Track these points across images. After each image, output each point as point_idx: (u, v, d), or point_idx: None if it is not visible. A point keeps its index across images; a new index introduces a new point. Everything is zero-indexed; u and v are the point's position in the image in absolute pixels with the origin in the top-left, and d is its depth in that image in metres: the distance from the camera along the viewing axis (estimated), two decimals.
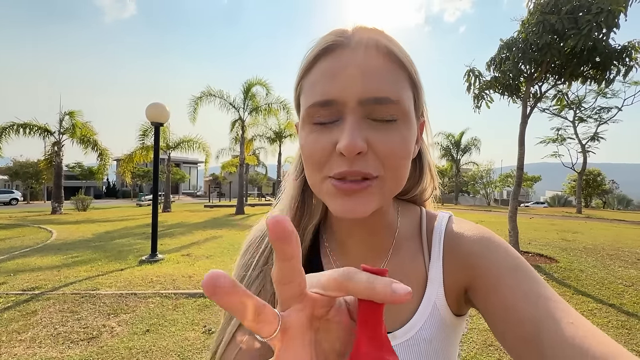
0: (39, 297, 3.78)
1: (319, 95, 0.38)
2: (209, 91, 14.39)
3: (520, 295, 0.35)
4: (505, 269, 0.38)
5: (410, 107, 0.40)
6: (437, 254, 0.45)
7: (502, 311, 0.35)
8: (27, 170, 30.11)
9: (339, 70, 0.37)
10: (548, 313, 0.32)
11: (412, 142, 0.40)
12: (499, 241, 0.42)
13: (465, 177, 36.08)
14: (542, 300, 0.34)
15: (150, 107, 5.64)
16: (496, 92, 6.15)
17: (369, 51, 0.38)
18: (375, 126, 0.37)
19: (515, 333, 0.33)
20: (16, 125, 13.97)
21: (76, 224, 11.17)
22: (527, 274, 0.37)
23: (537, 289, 0.35)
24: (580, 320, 0.31)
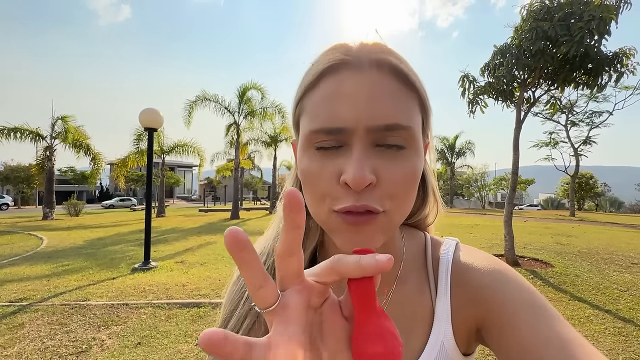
0: (27, 308, 3.67)
1: (324, 121, 0.35)
2: (204, 95, 14.34)
3: (540, 337, 0.32)
4: (521, 304, 0.35)
5: (419, 132, 0.37)
6: (445, 287, 0.42)
7: (520, 353, 0.32)
8: (18, 174, 29.62)
9: (346, 93, 0.34)
10: (571, 357, 0.30)
11: (420, 171, 0.37)
12: (512, 273, 0.39)
13: (460, 180, 36.36)
14: (566, 344, 0.31)
15: (143, 113, 5.58)
16: (490, 97, 6.19)
17: (377, 72, 0.35)
18: (383, 155, 0.34)
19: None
20: (6, 130, 13.76)
21: (67, 230, 10.98)
22: (546, 312, 0.34)
23: (558, 329, 0.32)
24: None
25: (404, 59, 0.38)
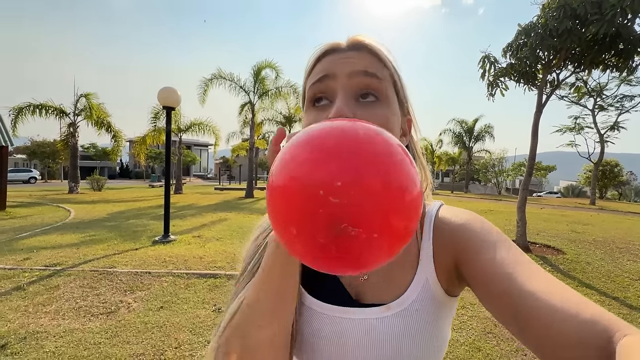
0: (61, 273, 4.01)
1: (315, 77, 0.47)
2: (219, 73, 14.35)
3: (496, 261, 0.40)
4: (486, 241, 0.43)
5: (392, 95, 0.48)
6: (428, 236, 0.50)
7: (482, 277, 0.40)
8: (44, 150, 30.93)
9: (334, 60, 0.47)
10: (519, 273, 0.37)
11: (394, 123, 0.47)
12: (482, 220, 0.48)
13: (477, 165, 35.51)
14: (515, 264, 0.39)
15: (162, 92, 5.71)
16: (512, 79, 5.98)
17: (356, 51, 0.47)
18: (360, 105, 0.45)
19: (492, 293, 0.38)
20: (32, 106, 14.28)
21: (92, 204, 11.56)
22: (505, 245, 0.42)
23: (512, 256, 0.40)
24: (549, 278, 0.36)
25: (383, 45, 0.50)
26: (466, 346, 2.63)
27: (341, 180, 0.27)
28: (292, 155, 0.32)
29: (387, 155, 0.30)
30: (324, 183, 0.28)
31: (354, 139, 0.30)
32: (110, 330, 2.72)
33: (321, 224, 0.28)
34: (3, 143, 9.83)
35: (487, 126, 29.83)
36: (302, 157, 0.30)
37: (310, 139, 0.32)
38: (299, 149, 0.32)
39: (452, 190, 33.20)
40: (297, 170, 0.30)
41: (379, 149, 0.30)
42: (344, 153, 0.29)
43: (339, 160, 0.29)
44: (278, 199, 0.31)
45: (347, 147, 0.29)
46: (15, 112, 13.71)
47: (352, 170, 0.28)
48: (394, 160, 0.30)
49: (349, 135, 0.31)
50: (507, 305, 0.36)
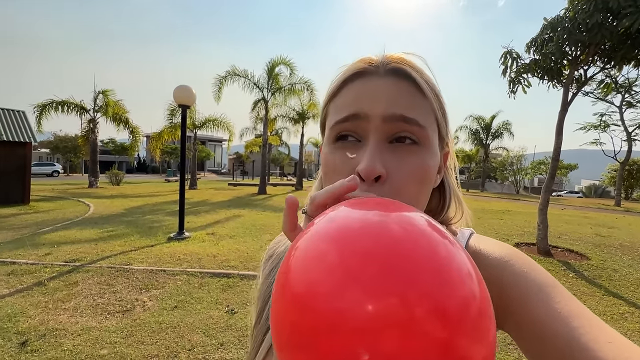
0: (80, 269, 4.11)
1: (342, 112, 0.40)
2: (233, 71, 14.42)
3: (551, 311, 0.33)
4: (533, 283, 0.36)
5: (433, 136, 0.41)
6: None
7: (532, 329, 0.33)
8: (66, 145, 32.02)
9: (366, 91, 0.39)
10: (581, 331, 0.30)
11: (433, 171, 0.41)
12: (522, 256, 0.40)
13: (494, 163, 34.63)
14: (575, 318, 0.32)
15: (177, 90, 5.75)
16: (535, 76, 5.73)
17: (394, 78, 0.39)
18: (396, 150, 0.38)
19: (547, 352, 0.32)
20: (55, 103, 14.74)
21: (111, 199, 11.87)
22: (558, 290, 0.35)
23: (570, 305, 0.33)
24: (619, 338, 0.29)
25: (425, 70, 0.42)
26: None
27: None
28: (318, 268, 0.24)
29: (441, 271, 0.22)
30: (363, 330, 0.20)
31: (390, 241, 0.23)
32: (125, 329, 2.76)
33: None
34: (27, 139, 10.18)
35: (506, 123, 28.97)
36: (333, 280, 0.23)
37: (346, 250, 0.24)
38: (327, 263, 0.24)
39: (468, 188, 32.51)
40: (323, 299, 0.22)
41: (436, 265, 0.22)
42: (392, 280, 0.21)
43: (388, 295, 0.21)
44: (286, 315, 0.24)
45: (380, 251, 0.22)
46: (39, 108, 14.19)
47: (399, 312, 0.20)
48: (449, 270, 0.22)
49: (382, 233, 0.23)
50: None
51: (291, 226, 0.31)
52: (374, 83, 0.39)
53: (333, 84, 0.43)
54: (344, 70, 0.42)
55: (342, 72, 0.42)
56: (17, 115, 10.75)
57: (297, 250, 0.26)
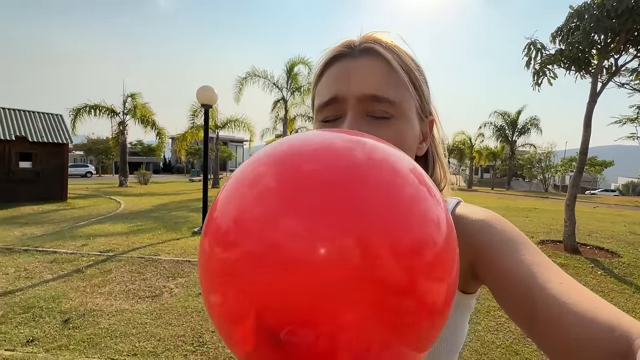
0: (113, 258, 4.40)
1: (324, 97, 0.45)
2: (253, 72, 14.75)
3: (515, 262, 0.38)
4: (503, 241, 0.41)
5: (409, 107, 0.45)
6: None
7: (500, 278, 0.39)
8: (98, 146, 33.82)
9: (342, 74, 0.44)
10: (539, 275, 0.35)
11: (410, 139, 0.45)
12: (501, 219, 0.46)
13: (521, 160, 33.25)
14: (535, 265, 0.37)
15: (200, 90, 5.99)
16: (561, 67, 5.52)
17: (367, 58, 0.44)
18: (371, 123, 0.43)
19: (511, 295, 0.37)
20: (88, 107, 15.65)
21: (139, 196, 12.47)
22: (525, 245, 0.40)
23: (532, 257, 0.38)
24: (570, 281, 0.34)
25: (401, 47, 0.46)
26: (502, 349, 2.51)
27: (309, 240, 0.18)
28: (240, 180, 0.22)
29: (390, 194, 0.20)
30: (274, 242, 0.18)
31: (346, 164, 0.21)
32: (155, 312, 2.95)
33: (252, 323, 0.19)
34: (64, 141, 10.90)
35: (533, 118, 27.74)
36: (250, 188, 0.21)
37: (277, 155, 0.22)
38: (254, 169, 0.22)
39: (493, 186, 31.43)
40: (234, 212, 0.21)
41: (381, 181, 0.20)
42: (323, 187, 0.19)
43: (312, 196, 0.19)
44: (205, 256, 0.22)
45: (330, 176, 0.20)
46: (74, 112, 15.12)
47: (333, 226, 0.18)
48: (402, 198, 0.21)
49: (339, 156, 0.21)
50: (525, 308, 0.35)
51: None
52: (349, 65, 0.44)
53: (316, 68, 0.48)
54: (325, 54, 0.47)
55: (323, 56, 0.47)
56: (55, 118, 11.52)
57: (233, 175, 0.24)
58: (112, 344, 2.44)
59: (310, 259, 0.17)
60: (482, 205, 0.54)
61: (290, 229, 0.18)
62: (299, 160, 0.21)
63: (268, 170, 0.21)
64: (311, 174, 0.20)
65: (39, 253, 4.57)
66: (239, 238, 0.19)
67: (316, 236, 0.18)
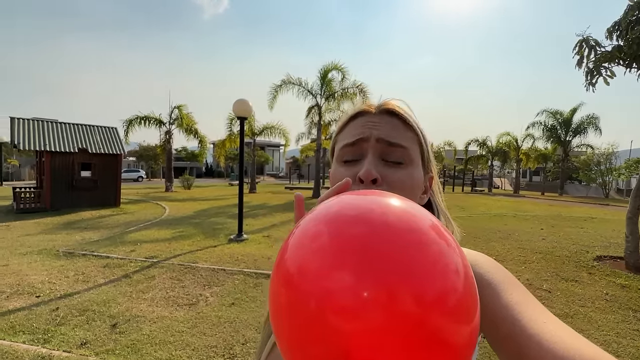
0: (156, 264, 4.73)
1: (349, 138, 0.52)
2: (288, 79, 15.10)
3: (502, 302, 0.40)
4: (491, 281, 0.43)
5: (417, 158, 0.52)
6: None
7: (488, 318, 0.40)
8: (148, 153, 36.65)
9: (364, 124, 0.52)
10: (524, 314, 0.37)
11: (418, 183, 0.52)
12: (488, 261, 0.48)
13: (577, 163, 30.36)
14: (521, 305, 0.39)
15: (236, 103, 6.27)
16: (620, 64, 4.98)
17: (388, 116, 0.52)
18: (387, 166, 0.50)
19: (498, 334, 0.38)
20: (139, 118, 17.04)
21: (182, 202, 13.28)
22: (512, 286, 0.42)
23: (519, 296, 0.40)
24: (554, 320, 0.36)
25: (410, 113, 0.55)
26: None
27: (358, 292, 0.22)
28: (302, 238, 0.27)
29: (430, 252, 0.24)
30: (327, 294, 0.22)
31: (381, 227, 0.25)
32: (191, 320, 3.12)
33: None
34: (118, 151, 11.96)
35: (591, 117, 25.22)
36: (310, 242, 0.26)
37: (330, 216, 0.27)
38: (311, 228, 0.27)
39: (543, 191, 29.04)
40: (300, 265, 0.25)
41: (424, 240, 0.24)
42: (372, 244, 0.23)
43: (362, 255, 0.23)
44: (275, 298, 0.26)
45: (377, 238, 0.24)
46: (127, 123, 16.55)
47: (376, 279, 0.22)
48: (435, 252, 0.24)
49: (374, 221, 0.25)
50: (512, 348, 0.35)
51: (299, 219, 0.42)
52: (371, 119, 0.52)
53: (340, 122, 0.57)
54: (349, 111, 0.56)
55: (348, 112, 0.56)
56: (111, 131, 12.69)
57: (294, 231, 0.29)
58: (152, 350, 2.62)
59: (353, 305, 0.21)
60: (530, 213, 0.53)
61: (340, 278, 0.22)
62: (345, 224, 0.26)
63: (324, 229, 0.26)
64: (354, 236, 0.24)
65: (94, 257, 5.04)
66: (301, 282, 0.24)
67: (358, 287, 0.22)
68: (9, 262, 4.78)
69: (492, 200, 17.97)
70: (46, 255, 5.13)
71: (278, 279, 0.26)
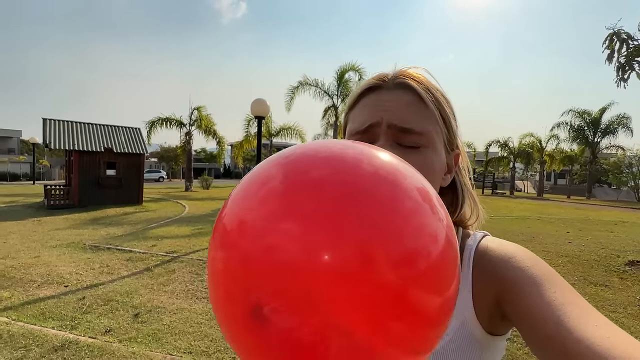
0: (176, 259, 4.86)
1: (359, 124, 0.48)
2: (305, 80, 15.22)
3: (545, 299, 0.36)
4: (532, 276, 0.39)
5: (437, 139, 0.47)
6: (467, 270, 0.47)
7: (528, 316, 0.37)
8: (169, 154, 37.77)
9: (376, 104, 0.47)
10: (572, 315, 0.33)
11: (436, 169, 0.47)
12: (529, 254, 0.43)
13: (606, 165, 28.95)
14: (567, 305, 0.34)
15: (254, 103, 6.36)
16: None
17: (402, 92, 0.47)
18: (400, 150, 0.45)
19: (539, 335, 0.35)
20: (160, 120, 17.60)
21: (201, 201, 13.60)
22: (555, 282, 0.38)
23: (565, 295, 0.36)
24: (606, 323, 0.32)
25: (433, 83, 0.49)
26: None
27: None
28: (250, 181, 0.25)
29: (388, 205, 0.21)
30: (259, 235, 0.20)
31: (353, 174, 0.22)
32: (209, 312, 3.18)
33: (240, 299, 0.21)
34: (141, 151, 12.38)
35: (622, 117, 23.99)
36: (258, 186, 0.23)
37: (291, 158, 0.24)
38: (264, 173, 0.24)
39: (569, 194, 27.84)
40: (240, 207, 0.23)
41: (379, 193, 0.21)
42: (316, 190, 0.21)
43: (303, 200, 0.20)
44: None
45: (333, 185, 0.21)
46: (149, 125, 17.13)
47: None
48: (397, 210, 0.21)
49: (347, 167, 0.22)
50: (555, 350, 0.32)
51: None
52: (383, 97, 0.47)
53: (351, 97, 0.51)
54: (361, 85, 0.51)
55: (359, 87, 0.51)
56: (134, 131, 13.17)
57: (250, 172, 0.26)
58: (172, 340, 2.69)
59: (304, 261, 0.19)
60: (555, 216, 0.50)
61: (287, 232, 0.19)
62: (308, 166, 0.22)
63: (279, 172, 0.23)
64: (316, 180, 0.21)
65: (118, 251, 5.24)
66: (239, 239, 0.21)
67: (311, 240, 0.19)
68: (40, 254, 5.03)
69: (514, 202, 17.39)
70: (74, 249, 5.37)
71: (214, 242, 0.23)
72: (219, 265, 0.23)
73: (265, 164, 0.25)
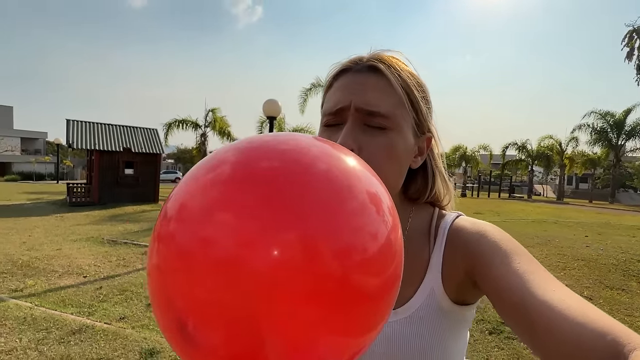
0: None
1: (329, 106, 0.50)
2: (317, 82, 15.32)
3: (511, 270, 0.40)
4: (501, 251, 0.43)
5: (403, 123, 0.49)
6: (440, 245, 0.51)
7: (497, 286, 0.40)
8: (185, 155, 38.70)
9: (347, 87, 0.49)
10: (533, 282, 0.37)
11: (401, 150, 0.48)
12: (499, 230, 0.47)
13: (631, 169, 27.75)
14: (529, 274, 0.38)
15: (266, 104, 6.49)
16: None
17: (372, 75, 0.48)
18: (367, 132, 0.47)
19: (506, 302, 0.38)
20: (177, 122, 18.09)
21: None
22: (521, 255, 0.42)
23: (526, 266, 0.40)
24: (562, 288, 0.36)
25: (406, 67, 0.51)
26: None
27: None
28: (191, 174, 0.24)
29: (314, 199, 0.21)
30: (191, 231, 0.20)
31: (302, 171, 0.22)
32: None
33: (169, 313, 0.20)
34: (158, 151, 12.77)
35: None
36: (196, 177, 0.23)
37: (244, 147, 0.23)
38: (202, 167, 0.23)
39: (591, 199, 26.80)
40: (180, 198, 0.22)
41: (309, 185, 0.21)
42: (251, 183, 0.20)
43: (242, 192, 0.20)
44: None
45: (281, 177, 0.21)
46: (167, 126, 17.62)
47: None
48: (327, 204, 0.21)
49: (301, 162, 0.22)
50: (522, 316, 0.36)
51: None
52: (354, 79, 0.48)
53: (326, 80, 0.54)
54: (335, 67, 0.53)
55: (334, 68, 0.53)
56: (151, 132, 13.59)
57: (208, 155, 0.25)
58: None
59: (245, 255, 0.18)
60: (573, 220, 0.52)
61: (223, 223, 0.19)
62: (260, 156, 0.22)
63: (229, 159, 0.22)
64: (264, 172, 0.20)
65: (134, 246, 5.44)
66: (176, 231, 0.21)
67: (244, 234, 0.18)
68: (61, 247, 5.29)
69: (531, 206, 16.92)
70: (93, 242, 5.61)
71: (154, 234, 0.22)
72: (152, 260, 0.22)
73: (227, 147, 0.26)
